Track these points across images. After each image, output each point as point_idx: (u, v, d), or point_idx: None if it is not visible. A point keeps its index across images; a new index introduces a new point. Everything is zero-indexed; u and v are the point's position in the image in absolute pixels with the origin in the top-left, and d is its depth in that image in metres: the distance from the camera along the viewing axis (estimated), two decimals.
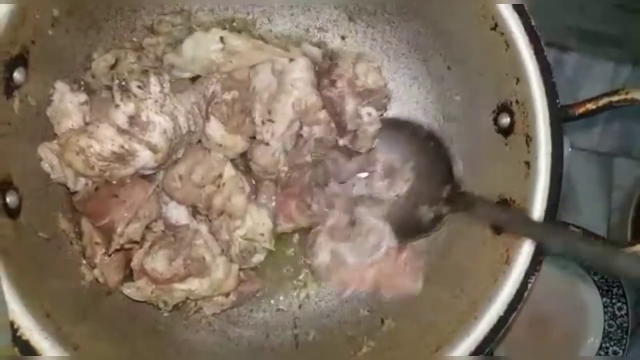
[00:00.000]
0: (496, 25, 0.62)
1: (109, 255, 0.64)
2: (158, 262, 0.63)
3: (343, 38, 0.74)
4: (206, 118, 0.66)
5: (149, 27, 0.70)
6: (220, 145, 0.67)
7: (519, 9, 0.61)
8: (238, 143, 0.68)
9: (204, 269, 0.65)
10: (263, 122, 0.67)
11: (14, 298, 0.53)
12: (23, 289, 0.54)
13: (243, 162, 0.71)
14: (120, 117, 0.60)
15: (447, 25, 0.68)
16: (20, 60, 0.57)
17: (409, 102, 0.76)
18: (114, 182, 0.62)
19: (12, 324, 0.53)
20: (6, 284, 0.53)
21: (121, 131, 0.60)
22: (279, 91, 0.67)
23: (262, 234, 0.68)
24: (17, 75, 0.57)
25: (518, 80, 0.62)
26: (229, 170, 0.67)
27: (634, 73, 0.99)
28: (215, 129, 0.66)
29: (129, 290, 0.64)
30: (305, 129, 0.69)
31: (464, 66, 0.69)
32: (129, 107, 0.61)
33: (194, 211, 0.69)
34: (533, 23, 0.61)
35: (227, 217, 0.68)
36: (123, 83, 0.61)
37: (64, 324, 0.56)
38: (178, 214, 0.68)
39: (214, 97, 0.66)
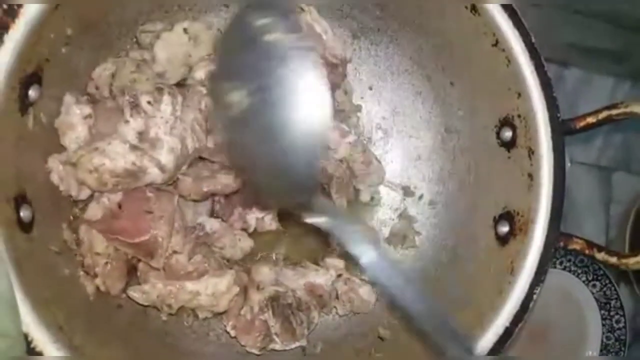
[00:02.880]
0: (497, 41, 0.63)
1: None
2: (181, 256, 0.64)
3: None
4: (207, 132, 0.65)
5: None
6: None
7: (518, 25, 0.62)
8: None
9: (220, 267, 0.66)
10: None
11: (28, 311, 0.53)
12: (36, 301, 0.54)
13: None
14: (130, 132, 0.60)
15: (449, 41, 0.70)
16: (35, 78, 0.58)
17: (413, 116, 0.77)
18: (133, 195, 0.63)
19: (26, 336, 0.53)
20: (20, 297, 0.53)
21: (133, 147, 0.60)
22: None
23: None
24: (32, 92, 0.58)
25: (519, 95, 0.63)
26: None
27: (634, 90, 1.01)
28: None
29: (135, 294, 0.64)
30: None
31: (466, 82, 0.71)
32: (137, 123, 0.61)
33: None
34: (533, 40, 0.62)
35: None
36: (132, 99, 0.61)
37: (76, 337, 0.56)
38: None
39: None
